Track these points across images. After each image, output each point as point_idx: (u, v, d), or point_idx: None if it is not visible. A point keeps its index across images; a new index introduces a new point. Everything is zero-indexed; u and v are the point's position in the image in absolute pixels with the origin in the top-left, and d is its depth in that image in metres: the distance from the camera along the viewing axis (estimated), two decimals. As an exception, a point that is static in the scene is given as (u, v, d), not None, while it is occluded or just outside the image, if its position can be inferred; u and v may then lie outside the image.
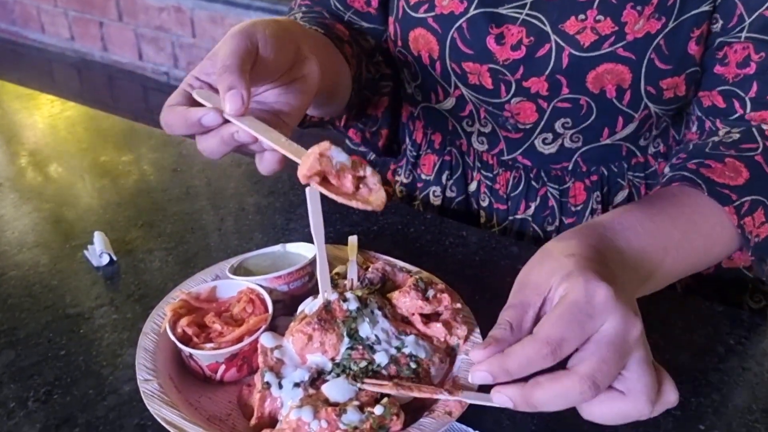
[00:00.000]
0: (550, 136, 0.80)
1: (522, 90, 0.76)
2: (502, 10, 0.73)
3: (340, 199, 0.48)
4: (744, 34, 0.69)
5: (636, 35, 0.69)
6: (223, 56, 0.50)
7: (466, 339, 0.58)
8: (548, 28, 0.72)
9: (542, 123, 0.78)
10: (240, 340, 0.55)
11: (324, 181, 0.49)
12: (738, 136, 0.69)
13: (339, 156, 0.49)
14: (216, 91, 0.52)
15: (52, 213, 0.83)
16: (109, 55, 3.38)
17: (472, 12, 0.74)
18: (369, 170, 0.49)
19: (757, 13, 0.67)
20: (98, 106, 1.16)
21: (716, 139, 0.70)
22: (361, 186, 0.49)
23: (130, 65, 3.32)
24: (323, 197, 0.50)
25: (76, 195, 0.87)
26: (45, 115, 1.12)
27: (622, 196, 0.85)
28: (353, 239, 0.71)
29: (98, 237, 0.75)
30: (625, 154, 0.83)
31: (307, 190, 0.49)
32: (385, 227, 0.82)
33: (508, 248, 0.78)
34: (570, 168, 0.83)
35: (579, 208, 0.85)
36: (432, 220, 0.83)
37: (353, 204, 0.48)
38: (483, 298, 0.69)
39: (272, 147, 0.50)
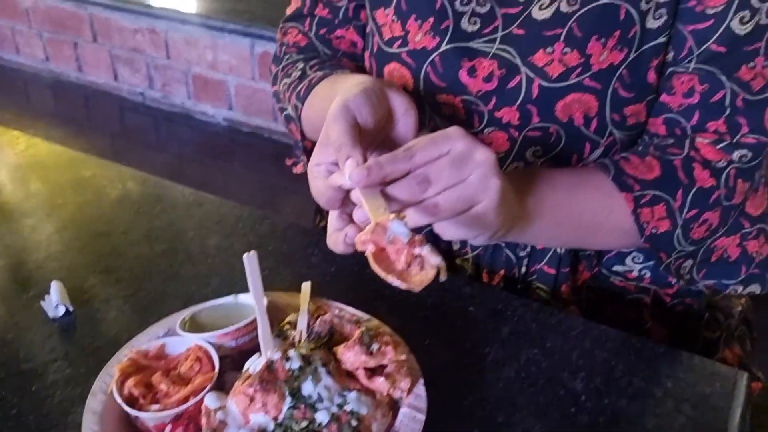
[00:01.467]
0: (521, 164, 0.82)
1: (494, 120, 0.78)
2: (473, 45, 0.76)
3: (378, 272, 0.48)
4: (692, 65, 0.71)
5: (601, 66, 0.72)
6: (336, 138, 0.57)
7: (410, 391, 0.59)
8: (518, 61, 0.74)
9: (513, 152, 0.80)
10: (186, 399, 0.56)
11: (381, 250, 0.49)
12: (671, 141, 0.74)
13: (397, 229, 0.49)
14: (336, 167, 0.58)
15: (10, 261, 0.84)
16: (85, 76, 3.36)
17: (444, 47, 0.76)
18: (426, 249, 0.48)
19: (704, 46, 0.70)
20: (74, 127, 1.16)
21: (655, 141, 0.76)
22: (413, 264, 0.48)
23: (106, 86, 3.31)
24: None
25: (36, 240, 0.88)
26: (9, 154, 1.12)
27: None
28: (306, 287, 0.72)
29: (54, 287, 0.76)
30: None
31: (245, 256, 0.51)
32: (342, 268, 0.83)
33: (461, 289, 0.80)
34: None
35: None
36: (387, 260, 0.84)
37: (389, 279, 0.48)
38: (432, 342, 0.71)
39: (365, 210, 0.52)
